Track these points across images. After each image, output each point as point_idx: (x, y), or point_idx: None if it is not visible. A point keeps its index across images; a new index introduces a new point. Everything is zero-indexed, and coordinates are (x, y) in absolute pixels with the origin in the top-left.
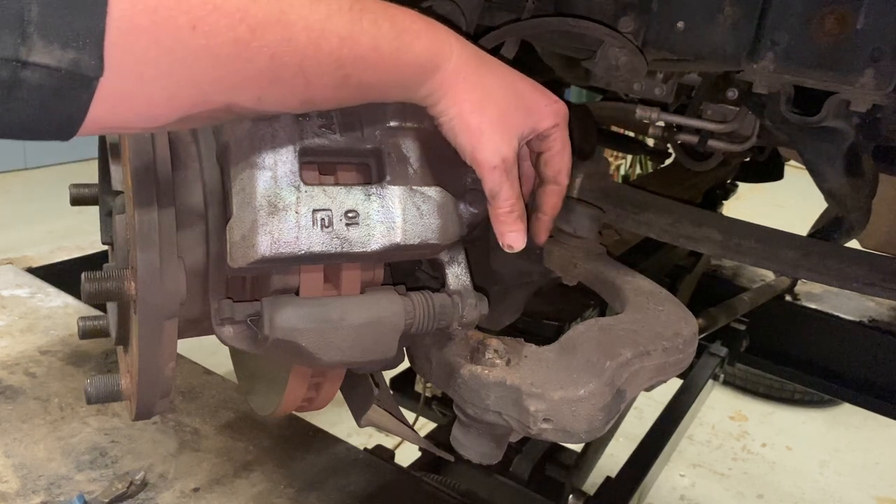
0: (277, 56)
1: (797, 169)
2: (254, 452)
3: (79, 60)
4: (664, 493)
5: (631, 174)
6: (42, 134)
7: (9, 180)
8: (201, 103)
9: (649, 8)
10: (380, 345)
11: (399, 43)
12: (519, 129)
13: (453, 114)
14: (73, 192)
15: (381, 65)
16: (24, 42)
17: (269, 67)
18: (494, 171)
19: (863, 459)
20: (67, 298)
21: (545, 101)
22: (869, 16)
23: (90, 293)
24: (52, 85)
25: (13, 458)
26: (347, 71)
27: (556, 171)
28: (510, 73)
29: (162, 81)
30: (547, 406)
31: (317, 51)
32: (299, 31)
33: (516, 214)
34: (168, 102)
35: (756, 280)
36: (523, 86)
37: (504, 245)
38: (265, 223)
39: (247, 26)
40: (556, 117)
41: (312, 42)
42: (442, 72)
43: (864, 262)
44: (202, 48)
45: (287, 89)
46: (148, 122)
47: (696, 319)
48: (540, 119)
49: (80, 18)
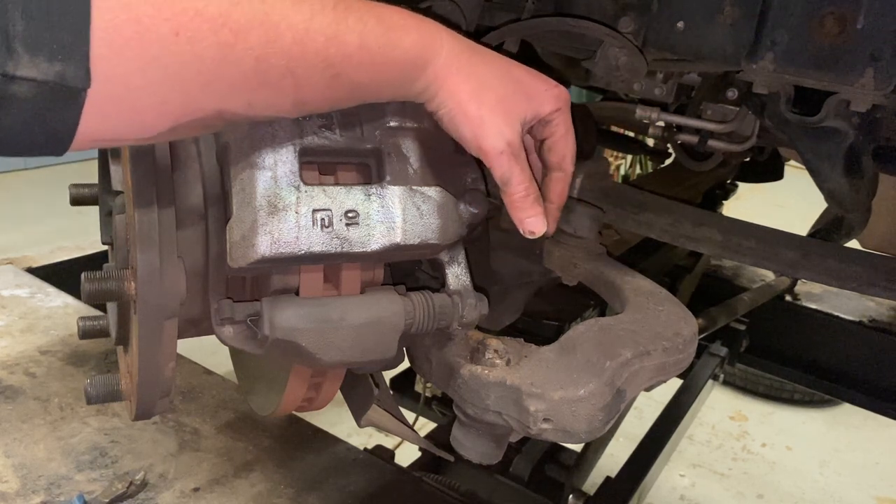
0: (263, 58)
1: (797, 169)
2: (254, 452)
3: (65, 73)
4: (664, 493)
5: (631, 174)
6: (34, 149)
7: (9, 180)
8: (192, 111)
9: (649, 8)
10: (380, 345)
11: (387, 39)
12: (520, 113)
13: (451, 106)
14: (73, 192)
15: (371, 62)
16: (11, 56)
17: (255, 70)
18: (502, 157)
19: (863, 459)
20: (67, 298)
21: (544, 85)
22: (869, 16)
23: (90, 293)
24: (40, 98)
25: (13, 458)
26: (337, 70)
27: (561, 156)
28: (505, 61)
29: (150, 89)
30: (547, 406)
31: (303, 51)
32: (283, 32)
33: (532, 198)
34: (158, 111)
35: (756, 280)
36: (520, 73)
37: (525, 231)
38: (265, 223)
39: (229, 30)
40: (558, 101)
41: (297, 42)
42: (434, 66)
43: (864, 262)
44: (187, 54)
45: (277, 92)
46: (140, 132)
47: (696, 319)
48: (541, 104)
49: (65, 31)
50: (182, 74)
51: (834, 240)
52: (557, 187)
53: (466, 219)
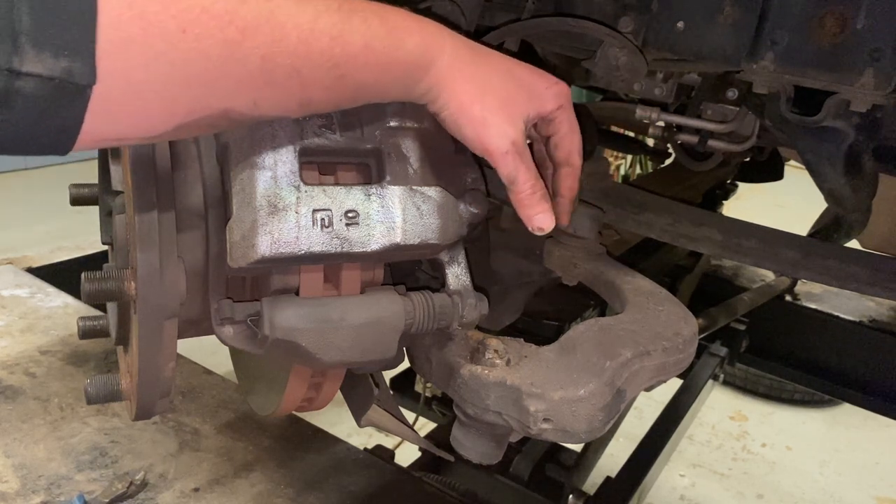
0: (269, 57)
1: (797, 169)
2: (254, 452)
3: (71, 69)
4: (664, 493)
5: (631, 174)
6: (39, 147)
7: (9, 180)
8: (197, 109)
9: (649, 8)
10: (380, 345)
11: (391, 40)
12: (522, 112)
13: (454, 107)
14: (73, 192)
15: (375, 63)
16: (17, 52)
17: (262, 69)
18: (507, 157)
19: (863, 459)
20: (67, 298)
21: (545, 83)
22: (869, 16)
23: (90, 293)
24: (45, 94)
25: (13, 458)
26: (342, 70)
27: (567, 152)
28: (506, 60)
29: (155, 87)
30: (547, 406)
31: (308, 50)
32: (289, 31)
33: (539, 195)
34: (163, 109)
35: (756, 280)
36: (521, 71)
37: (533, 228)
38: (265, 223)
39: (236, 28)
40: (559, 98)
41: (303, 42)
42: (437, 67)
43: (864, 262)
44: (193, 51)
45: (283, 91)
46: (145, 131)
47: (696, 319)
48: (542, 102)
49: (71, 27)
50: (188, 72)
51: (834, 240)
52: (567, 182)
53: (466, 219)
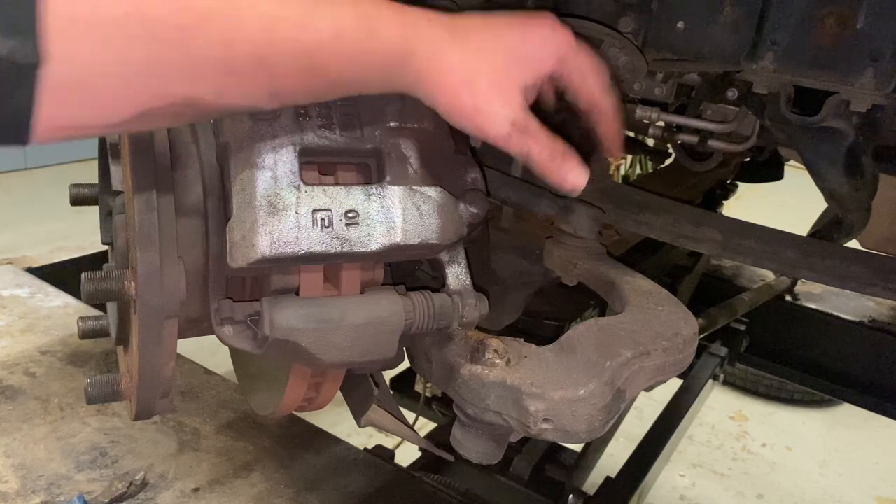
0: (229, 44)
1: (797, 169)
2: (254, 452)
3: (18, 49)
4: (664, 493)
5: (631, 174)
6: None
7: (9, 180)
8: (156, 97)
9: (649, 8)
10: (380, 345)
11: (364, 29)
12: (517, 84)
13: (443, 101)
14: (73, 192)
15: (348, 52)
16: None
17: (221, 56)
18: (510, 139)
19: (863, 459)
20: (67, 298)
21: (538, 40)
22: (869, 16)
23: (90, 293)
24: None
25: (13, 458)
26: (312, 59)
27: (589, 97)
28: (491, 28)
29: (105, 71)
30: (547, 406)
31: (272, 38)
32: (251, 18)
33: (559, 157)
34: (118, 95)
35: (756, 280)
36: (510, 35)
37: (569, 190)
38: (265, 223)
39: (192, 13)
40: (557, 52)
41: (266, 28)
42: (417, 58)
43: (864, 262)
44: (145, 35)
45: (249, 81)
46: (103, 118)
47: (696, 319)
48: (539, 65)
49: (19, 7)
50: (140, 57)
51: (834, 240)
52: (602, 125)
53: (466, 219)
